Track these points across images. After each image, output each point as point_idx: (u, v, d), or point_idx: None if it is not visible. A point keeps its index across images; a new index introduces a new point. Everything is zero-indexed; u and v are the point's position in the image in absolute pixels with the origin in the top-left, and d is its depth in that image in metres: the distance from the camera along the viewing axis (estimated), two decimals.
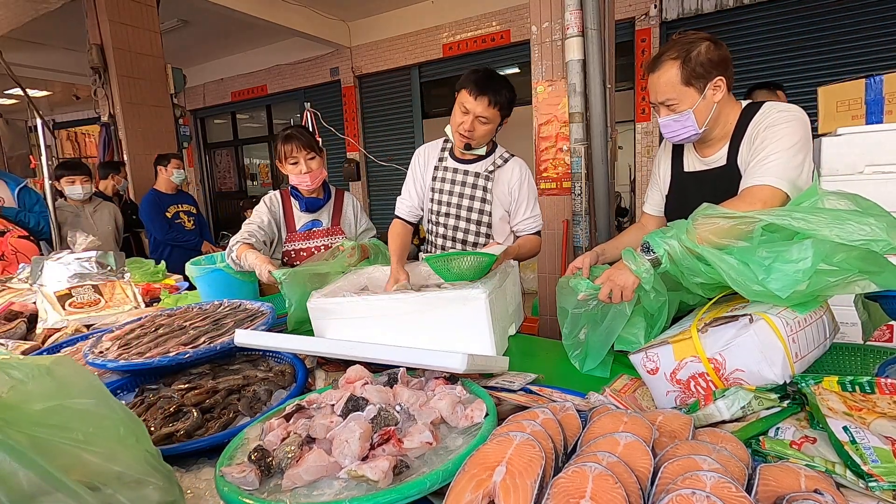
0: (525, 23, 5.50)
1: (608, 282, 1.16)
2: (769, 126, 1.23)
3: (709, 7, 4.72)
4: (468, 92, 1.63)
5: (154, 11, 4.60)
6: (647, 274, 1.10)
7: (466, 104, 1.64)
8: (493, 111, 1.63)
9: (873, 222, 0.84)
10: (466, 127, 1.66)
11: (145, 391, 1.17)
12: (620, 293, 1.15)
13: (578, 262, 1.41)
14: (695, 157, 1.43)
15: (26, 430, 0.53)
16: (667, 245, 1.06)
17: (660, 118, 1.34)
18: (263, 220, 1.91)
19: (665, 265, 1.08)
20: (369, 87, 7.25)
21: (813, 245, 0.86)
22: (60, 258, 2.06)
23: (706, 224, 1.02)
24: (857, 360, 1.07)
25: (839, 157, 1.92)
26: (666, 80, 1.28)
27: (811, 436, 0.73)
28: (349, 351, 1.05)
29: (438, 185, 1.84)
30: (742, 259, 0.94)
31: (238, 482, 0.73)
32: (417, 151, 1.93)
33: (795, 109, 1.24)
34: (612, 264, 1.25)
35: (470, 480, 0.63)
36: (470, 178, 1.80)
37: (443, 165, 1.85)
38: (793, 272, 0.87)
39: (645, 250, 1.12)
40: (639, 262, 1.11)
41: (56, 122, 9.39)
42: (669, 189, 1.50)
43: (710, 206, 1.04)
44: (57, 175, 3.41)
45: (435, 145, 1.91)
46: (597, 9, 2.52)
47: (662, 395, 1.01)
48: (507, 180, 1.81)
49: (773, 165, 1.18)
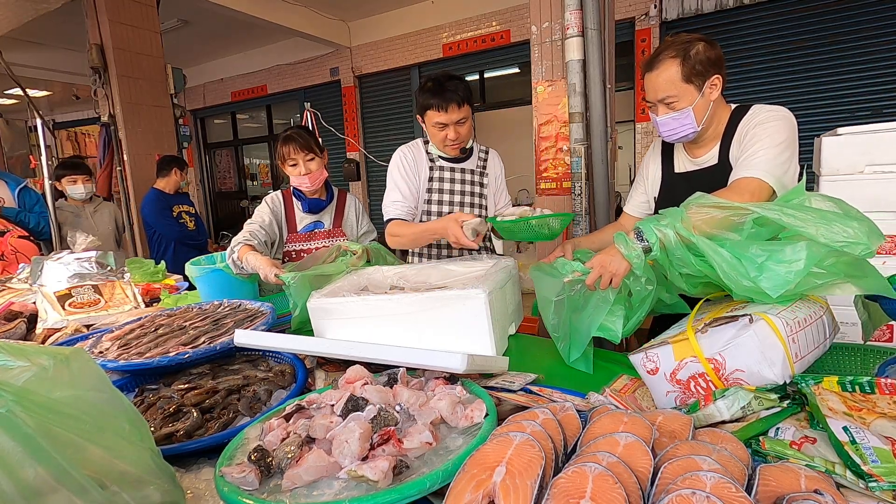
0: (525, 23, 5.49)
1: (598, 267, 1.15)
2: (759, 124, 1.27)
3: (709, 7, 4.72)
4: (434, 109, 1.67)
5: (154, 11, 4.60)
6: (639, 259, 1.09)
7: (440, 119, 1.68)
8: (464, 109, 1.69)
9: (856, 226, 0.86)
10: (452, 136, 1.72)
11: (145, 391, 1.17)
12: (609, 279, 1.13)
13: (559, 251, 1.44)
14: (685, 158, 1.45)
15: (41, 416, 0.53)
16: (660, 233, 1.05)
17: (657, 117, 1.35)
18: (265, 220, 1.90)
19: (656, 253, 1.07)
20: (369, 87, 7.25)
21: (807, 247, 0.87)
22: (60, 258, 2.07)
23: (699, 213, 1.02)
24: (857, 360, 1.07)
25: (839, 157, 1.92)
26: (666, 78, 1.29)
27: (811, 436, 0.73)
28: (349, 351, 1.05)
29: (437, 186, 1.85)
30: (735, 254, 0.94)
31: (238, 482, 0.73)
32: (399, 155, 1.86)
33: (783, 110, 1.29)
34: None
35: (470, 481, 0.63)
36: (467, 175, 1.86)
37: (437, 166, 1.85)
38: (785, 272, 0.89)
39: (637, 237, 1.10)
40: (630, 247, 1.09)
41: (56, 122, 9.39)
42: (660, 190, 1.51)
43: (703, 196, 1.05)
44: (58, 175, 3.40)
45: (416, 147, 1.89)
46: (597, 9, 2.52)
47: (662, 396, 1.01)
48: (493, 171, 1.92)
49: (761, 160, 1.22)
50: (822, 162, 1.94)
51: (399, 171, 1.85)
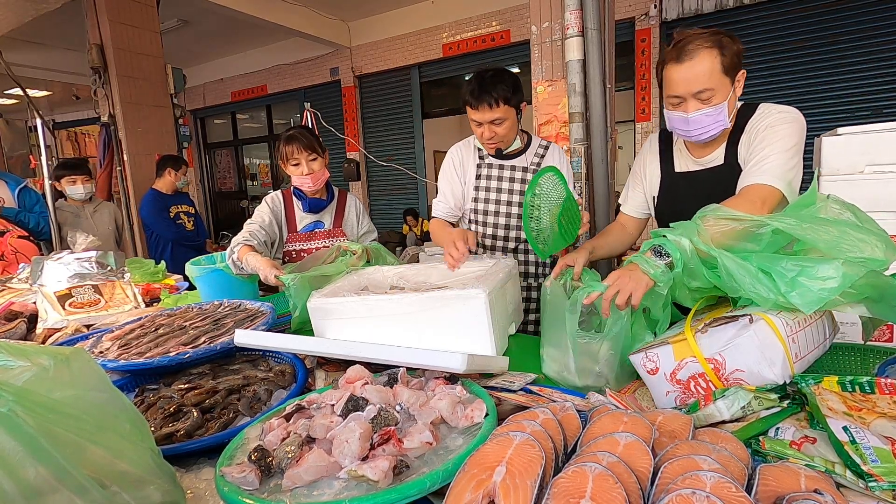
0: (525, 23, 5.50)
1: (617, 282, 1.06)
2: (770, 126, 1.23)
3: (709, 7, 4.72)
4: (469, 106, 1.66)
5: (154, 11, 4.60)
6: (665, 276, 1.02)
7: (474, 117, 1.67)
8: (501, 109, 1.63)
9: (874, 241, 0.85)
10: (487, 136, 1.69)
11: (145, 391, 1.17)
12: (628, 297, 1.04)
13: (570, 259, 1.32)
14: (687, 157, 1.41)
15: (42, 415, 0.54)
16: (680, 246, 1.00)
17: (689, 114, 1.23)
18: (265, 219, 1.90)
19: (678, 268, 1.01)
20: (369, 87, 7.25)
21: (843, 266, 0.85)
22: (60, 258, 2.07)
23: (717, 226, 0.99)
24: (857, 360, 1.07)
25: (839, 157, 1.91)
26: (703, 70, 1.18)
27: (811, 436, 0.73)
28: (349, 351, 1.05)
29: (484, 184, 1.83)
30: (763, 267, 0.91)
31: (238, 482, 0.73)
32: (450, 153, 1.89)
33: (793, 112, 1.24)
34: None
35: (470, 480, 0.63)
36: (517, 173, 1.82)
37: (486, 163, 1.84)
38: (818, 290, 0.85)
39: (657, 254, 1.05)
40: (652, 265, 1.03)
41: (56, 122, 9.39)
42: (660, 191, 1.47)
43: (718, 207, 1.02)
44: (57, 175, 3.40)
45: (467, 145, 1.89)
46: (597, 9, 2.52)
47: (662, 396, 1.01)
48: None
49: (772, 165, 1.18)
50: (822, 162, 1.94)
51: (446, 171, 1.88)
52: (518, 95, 1.67)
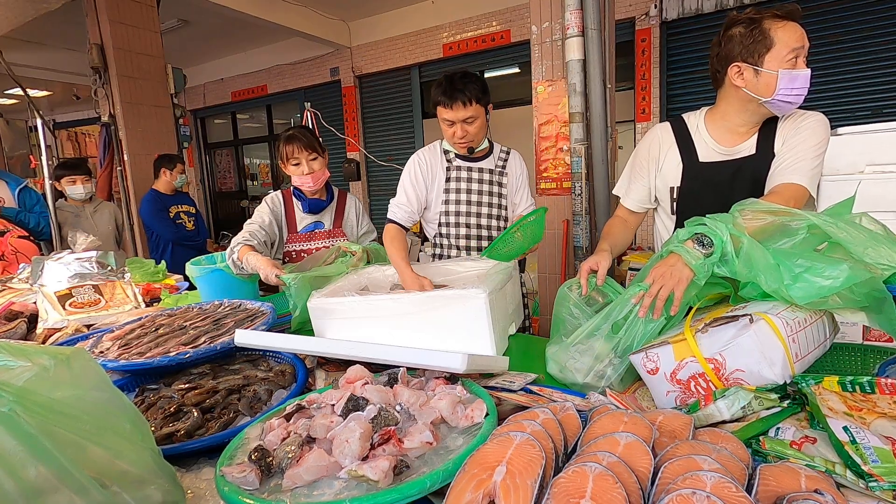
0: (525, 23, 5.49)
1: (660, 279, 1.03)
2: (809, 127, 1.27)
3: (709, 7, 4.72)
4: (442, 106, 1.70)
5: (154, 11, 4.60)
6: (704, 268, 1.00)
7: (446, 116, 1.71)
8: (473, 107, 1.69)
9: None
10: (459, 135, 1.73)
11: (145, 391, 1.17)
12: (670, 291, 1.02)
13: (593, 263, 1.28)
14: (713, 146, 1.38)
15: (43, 415, 0.54)
16: (723, 235, 0.97)
17: (798, 71, 1.20)
18: (265, 220, 1.90)
19: (716, 258, 0.99)
20: (369, 87, 7.25)
21: (850, 269, 0.87)
22: (61, 258, 2.07)
23: (755, 219, 1.00)
24: (857, 360, 1.07)
25: (840, 157, 1.92)
26: (802, 30, 1.20)
27: (811, 436, 0.73)
28: (349, 351, 1.05)
29: (454, 185, 1.85)
30: (777, 259, 0.93)
31: (238, 482, 0.73)
32: (415, 159, 1.87)
33: (824, 118, 1.30)
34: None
35: (470, 480, 0.63)
36: (486, 174, 1.86)
37: (454, 166, 1.85)
38: (818, 287, 0.88)
39: (699, 243, 1.01)
40: (693, 255, 1.00)
41: (56, 122, 9.39)
42: (683, 180, 1.43)
43: (755, 201, 1.04)
44: (57, 175, 3.40)
45: (433, 150, 1.89)
46: (597, 9, 2.52)
47: (662, 395, 1.01)
48: (513, 171, 1.90)
49: (806, 167, 1.24)
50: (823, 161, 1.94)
51: (410, 175, 1.85)
52: (487, 96, 1.74)
